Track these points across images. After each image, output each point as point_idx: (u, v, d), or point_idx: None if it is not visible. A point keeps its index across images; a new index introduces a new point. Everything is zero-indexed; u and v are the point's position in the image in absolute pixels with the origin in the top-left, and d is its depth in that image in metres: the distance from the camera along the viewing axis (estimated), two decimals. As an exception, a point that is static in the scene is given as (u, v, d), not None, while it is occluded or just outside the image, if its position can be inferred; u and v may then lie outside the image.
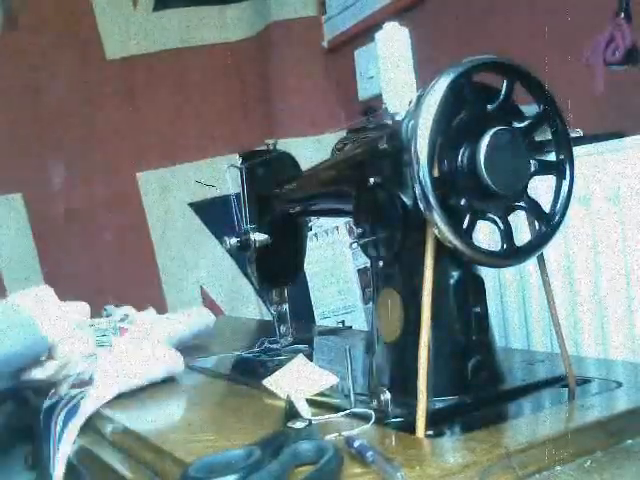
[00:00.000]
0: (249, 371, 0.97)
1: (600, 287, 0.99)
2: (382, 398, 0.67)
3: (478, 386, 0.69)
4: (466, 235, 0.62)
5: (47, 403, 0.88)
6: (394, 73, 0.71)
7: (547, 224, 0.67)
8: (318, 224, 1.64)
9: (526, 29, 1.30)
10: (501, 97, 0.65)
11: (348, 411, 0.68)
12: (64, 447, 0.79)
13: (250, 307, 1.85)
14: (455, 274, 0.69)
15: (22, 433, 1.25)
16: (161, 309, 1.79)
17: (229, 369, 1.02)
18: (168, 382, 1.02)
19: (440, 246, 0.63)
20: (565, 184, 0.68)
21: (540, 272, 0.72)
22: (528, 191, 0.67)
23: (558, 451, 0.58)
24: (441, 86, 0.62)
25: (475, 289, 0.70)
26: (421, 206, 0.61)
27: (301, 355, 0.82)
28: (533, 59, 0.71)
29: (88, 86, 1.78)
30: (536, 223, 0.67)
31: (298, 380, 0.77)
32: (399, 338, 0.70)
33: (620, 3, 1.02)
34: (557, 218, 0.68)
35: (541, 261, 0.71)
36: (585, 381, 0.73)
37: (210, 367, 0.99)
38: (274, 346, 1.05)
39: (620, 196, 0.96)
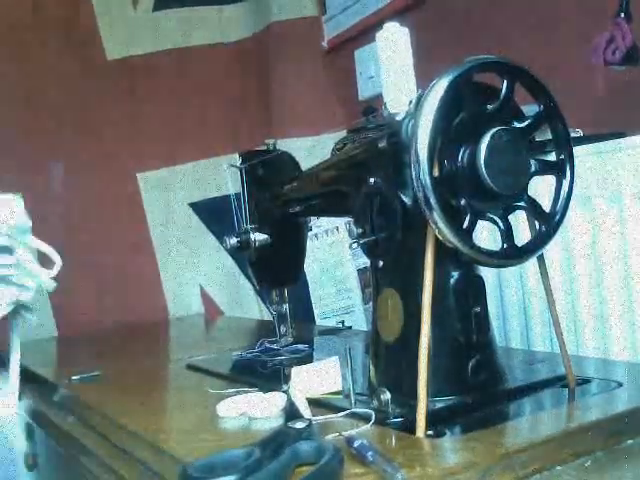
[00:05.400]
0: (249, 371, 0.98)
1: (600, 287, 0.99)
2: (382, 398, 0.67)
3: (478, 386, 0.69)
4: (466, 235, 0.62)
5: None
6: (394, 73, 0.71)
7: (547, 224, 0.67)
8: (318, 224, 1.64)
9: (526, 29, 1.30)
10: (501, 97, 0.65)
11: (348, 411, 0.68)
12: None
13: (250, 307, 1.85)
14: (455, 274, 0.69)
15: (24, 432, 1.25)
16: (161, 309, 1.80)
17: (229, 369, 1.02)
18: (168, 382, 1.02)
19: (440, 246, 0.63)
20: (565, 184, 0.68)
21: (540, 272, 0.72)
22: (528, 191, 0.67)
23: (558, 451, 0.58)
24: (441, 86, 0.62)
25: (475, 289, 0.70)
26: (421, 206, 0.61)
27: (335, 358, 0.78)
28: (533, 59, 0.71)
29: (88, 86, 1.78)
30: (536, 223, 0.67)
31: (311, 379, 0.76)
32: (399, 338, 0.70)
33: (620, 3, 1.02)
34: (557, 218, 0.68)
35: (541, 261, 0.71)
36: (585, 381, 0.73)
37: (210, 367, 0.99)
38: (274, 346, 1.05)
39: (620, 196, 0.96)
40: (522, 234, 0.82)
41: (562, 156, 0.68)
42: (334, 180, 0.88)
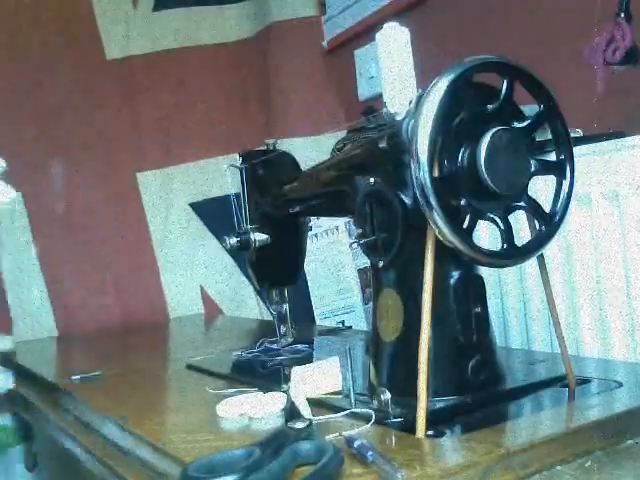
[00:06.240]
0: (249, 371, 0.98)
1: (600, 287, 0.99)
2: (382, 398, 0.67)
3: (478, 386, 0.69)
4: (466, 235, 0.62)
5: None
6: (394, 73, 0.71)
7: (547, 224, 0.67)
8: (318, 224, 1.64)
9: (526, 29, 1.30)
10: (501, 97, 0.65)
11: (348, 411, 0.68)
12: None
13: (250, 307, 1.85)
14: (455, 274, 0.69)
15: (22, 433, 1.25)
16: (161, 309, 1.80)
17: (229, 369, 1.02)
18: (168, 382, 1.02)
19: (440, 246, 0.63)
20: (565, 184, 0.68)
21: (540, 272, 0.72)
22: (528, 191, 0.67)
23: (558, 451, 0.58)
24: (441, 86, 0.62)
25: (475, 289, 0.70)
26: (421, 206, 0.61)
27: (335, 358, 0.78)
28: (533, 59, 0.71)
29: (88, 86, 1.78)
30: (536, 223, 0.67)
31: (311, 379, 0.76)
32: (399, 338, 0.70)
33: (620, 3, 1.02)
34: (557, 218, 0.68)
35: (541, 261, 0.71)
36: (585, 381, 0.73)
37: (210, 367, 0.99)
38: (274, 346, 1.05)
39: (620, 196, 0.96)
40: (522, 234, 0.82)
41: (562, 156, 0.68)
42: (334, 180, 0.88)
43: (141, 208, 1.82)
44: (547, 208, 0.68)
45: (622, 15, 1.02)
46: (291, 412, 0.66)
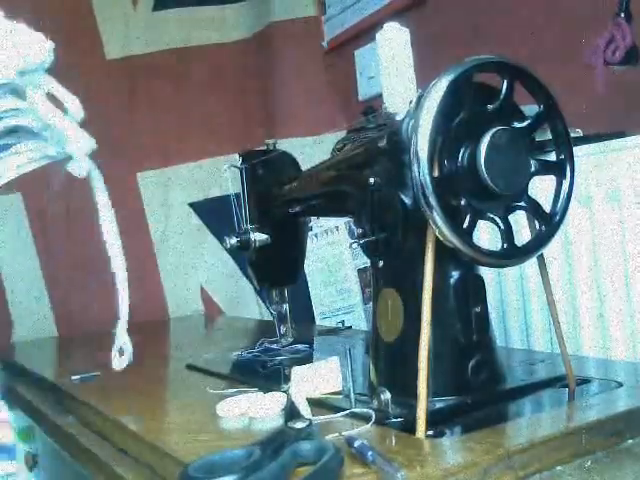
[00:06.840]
0: (249, 371, 0.97)
1: (600, 287, 0.99)
2: (382, 398, 0.67)
3: (478, 386, 0.69)
4: (466, 235, 0.62)
5: None
6: (394, 73, 0.71)
7: (547, 224, 0.67)
8: (318, 224, 1.64)
9: (526, 29, 1.30)
10: (501, 97, 0.65)
11: (348, 411, 0.68)
12: None
13: (250, 307, 1.85)
14: (455, 274, 0.69)
15: (24, 432, 1.25)
16: (161, 309, 1.80)
17: (229, 369, 1.02)
18: (168, 382, 1.02)
19: (440, 246, 0.63)
20: (565, 184, 0.68)
21: (540, 272, 0.72)
22: (528, 191, 0.67)
23: (558, 451, 0.58)
24: (441, 86, 0.62)
25: (475, 289, 0.70)
26: (421, 206, 0.61)
27: (335, 358, 0.78)
28: (533, 59, 0.71)
29: (88, 86, 1.78)
30: (536, 223, 0.67)
31: (311, 379, 0.76)
32: (399, 338, 0.70)
33: (620, 3, 1.02)
34: (557, 218, 0.68)
35: (541, 261, 0.71)
36: (585, 381, 0.73)
37: (210, 367, 0.99)
38: (274, 346, 1.05)
39: (620, 196, 0.96)
40: (522, 234, 0.82)
41: (562, 156, 0.68)
42: (334, 180, 0.88)
43: (141, 208, 1.82)
44: (547, 208, 0.68)
45: (622, 15, 1.02)
46: (291, 412, 0.66)
